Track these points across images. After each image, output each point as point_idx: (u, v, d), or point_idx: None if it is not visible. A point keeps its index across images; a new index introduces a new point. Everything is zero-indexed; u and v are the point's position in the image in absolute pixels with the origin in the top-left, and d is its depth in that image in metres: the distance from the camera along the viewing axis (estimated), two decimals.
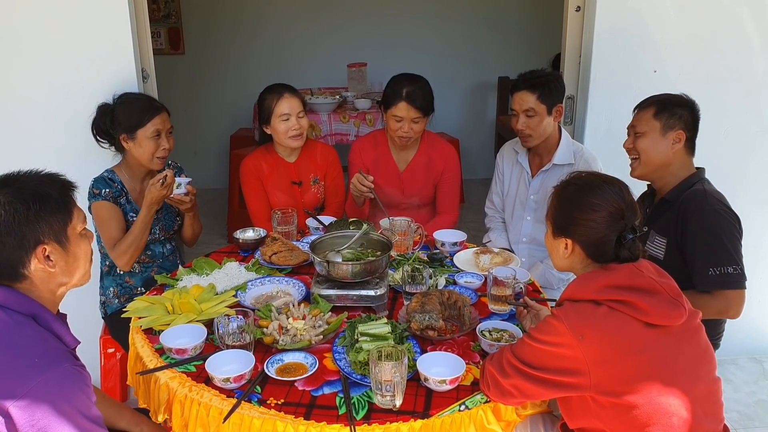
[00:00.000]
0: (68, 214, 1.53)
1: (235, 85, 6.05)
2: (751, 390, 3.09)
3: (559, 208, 1.71)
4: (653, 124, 2.27)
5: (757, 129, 3.03)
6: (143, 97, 2.62)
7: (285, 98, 2.79)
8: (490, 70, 6.19)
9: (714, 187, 2.28)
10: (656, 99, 2.32)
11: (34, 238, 1.48)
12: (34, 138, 2.76)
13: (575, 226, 1.66)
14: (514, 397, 1.62)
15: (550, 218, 1.74)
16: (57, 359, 1.42)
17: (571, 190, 1.70)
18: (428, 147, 3.00)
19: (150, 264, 2.67)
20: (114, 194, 2.52)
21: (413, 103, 2.78)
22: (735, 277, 2.14)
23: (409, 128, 2.83)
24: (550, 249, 1.77)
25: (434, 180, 3.01)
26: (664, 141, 2.27)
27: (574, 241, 1.68)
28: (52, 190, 1.51)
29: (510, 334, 1.89)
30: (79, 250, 1.57)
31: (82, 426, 1.39)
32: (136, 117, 2.50)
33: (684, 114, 2.28)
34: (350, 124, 4.81)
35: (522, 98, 2.66)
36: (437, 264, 2.41)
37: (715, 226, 2.16)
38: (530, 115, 2.66)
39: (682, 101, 2.31)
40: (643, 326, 1.55)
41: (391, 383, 1.59)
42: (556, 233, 1.72)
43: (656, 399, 1.54)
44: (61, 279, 1.55)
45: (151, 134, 2.50)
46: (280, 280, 2.27)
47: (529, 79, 2.66)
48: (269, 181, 2.92)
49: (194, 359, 1.81)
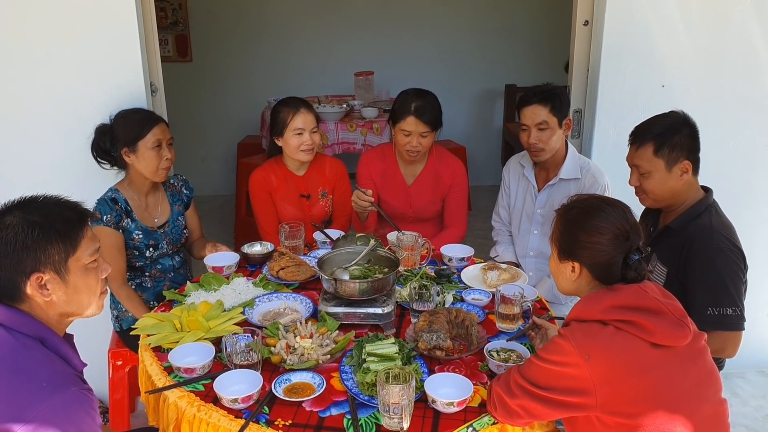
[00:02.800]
0: (72, 245, 1.51)
1: (243, 92, 6.07)
2: (759, 404, 3.07)
3: (565, 231, 1.72)
4: (656, 162, 2.20)
5: (765, 143, 3.02)
6: (141, 110, 2.62)
7: (301, 113, 2.81)
8: (497, 78, 6.19)
9: (721, 218, 2.24)
10: (653, 134, 2.22)
11: (31, 265, 1.47)
12: (43, 152, 2.77)
13: (582, 249, 1.67)
14: (521, 418, 1.62)
15: (555, 242, 1.75)
16: (64, 383, 1.43)
17: (575, 213, 1.71)
18: (436, 161, 3.01)
19: (161, 278, 2.68)
20: (116, 219, 2.51)
21: (422, 118, 2.79)
22: (734, 319, 2.11)
23: (418, 143, 2.84)
24: (556, 272, 1.78)
25: (441, 194, 3.02)
26: (671, 176, 2.21)
27: (581, 264, 1.68)
28: (58, 220, 1.50)
29: (518, 355, 1.89)
30: (80, 282, 1.54)
31: None
32: (136, 129, 2.50)
33: (684, 141, 2.20)
34: (357, 132, 4.82)
35: (534, 112, 2.64)
36: (444, 279, 2.41)
37: (720, 266, 2.12)
38: (543, 128, 2.65)
39: (678, 125, 2.22)
40: (649, 347, 1.56)
41: (398, 406, 1.59)
42: (562, 257, 1.73)
43: (661, 420, 1.54)
44: (62, 309, 1.54)
45: (152, 144, 2.50)
46: (288, 296, 2.27)
47: (539, 93, 2.65)
48: (278, 193, 2.93)
49: (202, 378, 1.81)
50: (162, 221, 2.66)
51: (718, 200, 3.05)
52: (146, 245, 2.59)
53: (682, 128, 2.22)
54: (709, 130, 2.96)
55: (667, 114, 2.30)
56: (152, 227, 2.62)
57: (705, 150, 2.99)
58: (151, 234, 2.60)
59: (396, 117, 2.86)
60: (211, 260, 2.49)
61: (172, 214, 2.69)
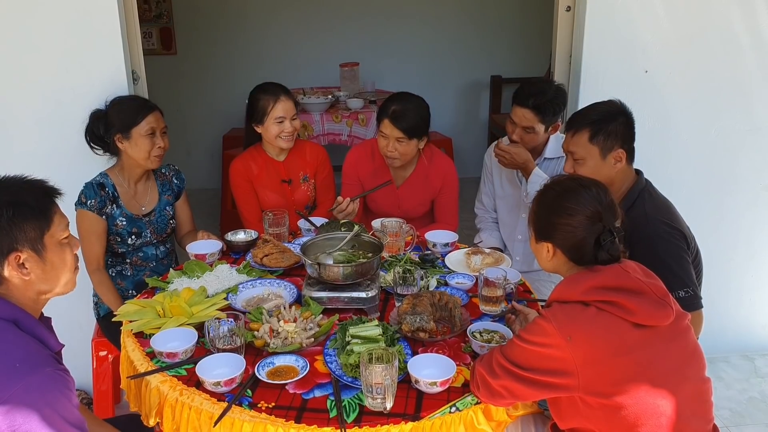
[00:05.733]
0: (46, 221, 1.51)
1: (228, 85, 6.03)
2: (743, 387, 3.10)
3: (539, 213, 1.74)
4: (590, 149, 2.20)
5: (747, 128, 3.04)
6: (136, 98, 2.63)
7: (281, 101, 2.79)
8: (482, 69, 6.19)
9: (655, 201, 2.22)
10: (589, 121, 2.22)
11: (8, 245, 1.46)
12: (24, 141, 2.74)
13: (554, 230, 1.69)
14: (504, 398, 1.62)
15: (531, 224, 1.77)
16: (39, 364, 1.42)
17: (550, 196, 1.73)
18: (426, 163, 2.96)
19: (143, 267, 2.66)
20: (99, 204, 2.50)
21: (396, 123, 2.72)
22: (688, 300, 2.08)
23: (394, 147, 2.77)
24: (535, 253, 1.80)
25: (432, 196, 2.99)
26: (605, 164, 2.20)
27: (555, 245, 1.70)
28: (29, 197, 1.49)
29: (501, 336, 1.90)
30: (57, 258, 1.54)
31: (65, 430, 1.38)
32: (130, 116, 2.50)
33: (619, 129, 2.20)
34: (343, 123, 4.81)
35: (525, 116, 2.62)
36: (429, 265, 2.41)
37: (661, 252, 2.10)
38: (528, 132, 2.66)
39: (614, 113, 2.22)
40: (631, 327, 1.56)
41: (381, 386, 1.59)
42: (538, 238, 1.75)
43: (644, 399, 1.55)
44: (39, 287, 1.53)
45: (146, 132, 2.49)
46: (272, 283, 2.26)
47: (532, 97, 2.59)
48: (259, 181, 2.91)
49: (185, 363, 1.80)
50: (149, 209, 2.64)
51: (701, 186, 3.10)
52: (129, 232, 2.57)
53: (618, 116, 2.22)
54: (692, 116, 3.01)
55: (605, 102, 2.29)
56: (137, 215, 2.60)
57: (687, 135, 3.04)
58: (135, 221, 2.59)
59: (378, 118, 2.84)
60: (194, 248, 2.47)
61: (160, 203, 2.67)
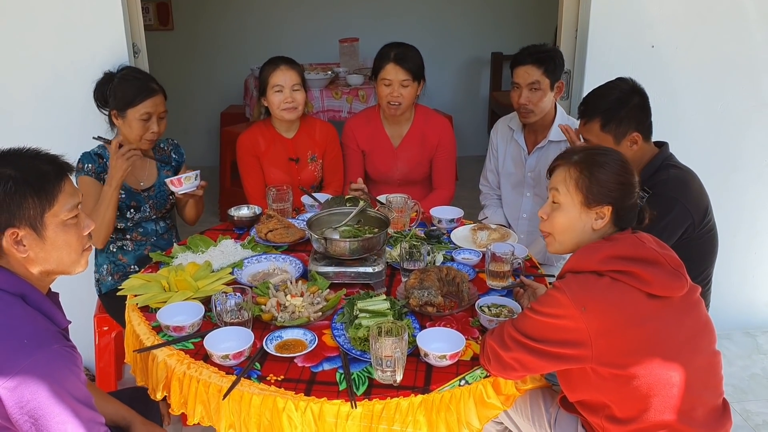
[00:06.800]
0: (48, 200, 1.45)
1: (225, 62, 5.96)
2: (745, 364, 3.11)
3: (600, 177, 1.65)
4: (604, 137, 2.21)
5: (753, 104, 3.02)
6: (142, 77, 2.53)
7: (280, 70, 2.76)
8: (483, 46, 6.14)
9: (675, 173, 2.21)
10: (600, 110, 2.21)
11: (5, 220, 1.42)
12: (23, 116, 2.71)
13: (617, 191, 1.65)
14: (515, 371, 1.62)
15: (582, 190, 1.66)
16: (46, 340, 1.40)
17: (607, 160, 1.68)
18: (422, 121, 2.98)
19: (143, 242, 2.64)
20: (97, 170, 2.47)
21: (401, 64, 2.78)
22: None
23: (399, 93, 2.80)
24: (569, 226, 1.69)
25: (429, 155, 2.99)
26: (621, 148, 2.19)
27: (613, 206, 1.65)
28: (33, 174, 1.44)
29: (509, 310, 1.89)
30: (59, 239, 1.49)
31: (72, 407, 1.37)
32: (129, 96, 2.44)
33: (631, 113, 2.19)
34: (343, 100, 4.77)
35: (527, 71, 2.63)
36: (434, 241, 2.40)
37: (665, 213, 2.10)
38: (535, 88, 2.63)
39: (626, 97, 2.21)
40: (645, 297, 1.56)
41: (391, 359, 1.59)
42: (592, 204, 1.66)
43: (657, 370, 1.55)
44: (43, 266, 1.50)
45: (141, 116, 2.44)
46: (277, 258, 2.25)
47: (534, 53, 2.64)
48: (266, 157, 2.88)
49: (192, 336, 1.79)
50: (147, 185, 2.61)
51: (706, 162, 3.07)
52: (127, 206, 2.54)
53: (630, 99, 2.21)
54: (697, 92, 2.99)
55: (615, 85, 2.27)
56: (137, 189, 2.57)
57: (693, 111, 3.01)
58: (134, 195, 2.56)
59: (377, 67, 2.85)
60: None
61: (159, 178, 2.64)
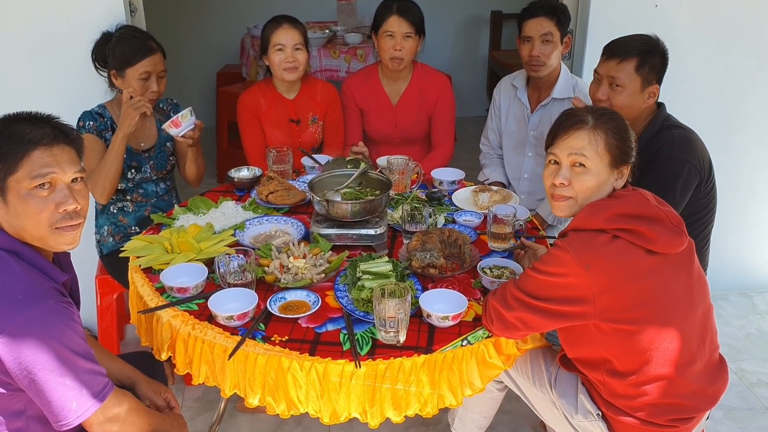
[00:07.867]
0: (9, 165, 1.43)
1: (221, 21, 5.85)
2: (741, 324, 3.16)
3: (619, 138, 1.68)
4: (635, 79, 2.18)
5: (756, 65, 3.00)
6: (140, 35, 2.49)
7: (282, 29, 2.71)
8: (482, 4, 6.02)
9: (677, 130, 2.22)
10: (638, 51, 2.19)
11: None
12: (19, 77, 2.67)
13: (635, 149, 1.73)
14: (518, 330, 1.64)
15: (608, 151, 1.66)
16: (41, 296, 1.41)
17: (620, 120, 1.72)
18: (420, 78, 2.95)
19: (144, 203, 2.63)
20: (99, 127, 2.46)
21: (405, 16, 2.76)
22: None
23: (401, 46, 2.78)
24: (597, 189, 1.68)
25: (428, 112, 2.98)
26: (641, 97, 2.20)
27: (632, 165, 1.72)
28: (3, 135, 1.43)
29: (511, 271, 1.90)
30: (19, 206, 1.45)
31: (70, 360, 1.39)
32: (127, 55, 2.41)
33: (658, 64, 2.19)
34: (341, 59, 4.70)
35: (540, 23, 2.61)
36: (436, 203, 2.40)
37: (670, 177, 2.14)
38: (547, 40, 2.61)
39: (658, 48, 2.21)
40: (644, 253, 1.58)
41: (394, 320, 1.60)
42: (619, 164, 1.68)
43: (658, 323, 1.58)
44: (11, 230, 1.48)
45: (140, 75, 2.42)
46: (278, 220, 2.25)
47: (545, 5, 2.62)
48: (266, 117, 2.85)
49: (196, 297, 1.81)
50: (148, 146, 2.59)
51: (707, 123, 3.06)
52: (128, 166, 2.52)
53: (660, 52, 2.21)
54: (700, 52, 2.96)
55: (647, 35, 2.26)
56: (137, 150, 2.56)
57: (695, 72, 2.99)
58: (134, 155, 2.54)
59: (378, 21, 2.82)
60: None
61: (160, 139, 2.62)
